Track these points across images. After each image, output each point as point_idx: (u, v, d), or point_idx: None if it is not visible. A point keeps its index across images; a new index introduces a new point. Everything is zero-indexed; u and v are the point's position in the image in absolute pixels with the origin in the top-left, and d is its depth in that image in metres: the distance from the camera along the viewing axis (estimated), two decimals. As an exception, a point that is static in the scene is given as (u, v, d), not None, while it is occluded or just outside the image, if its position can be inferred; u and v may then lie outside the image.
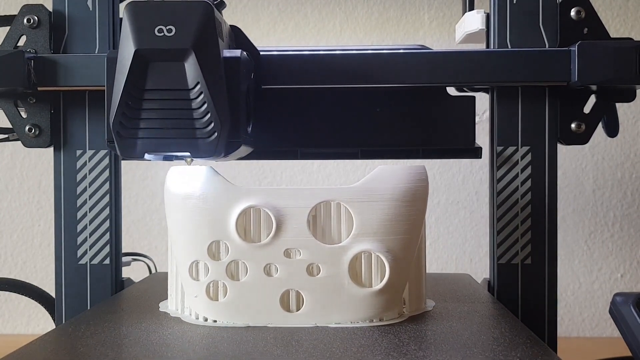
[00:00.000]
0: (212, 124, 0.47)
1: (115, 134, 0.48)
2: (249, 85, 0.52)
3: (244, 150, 0.54)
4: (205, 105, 0.47)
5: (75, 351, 0.41)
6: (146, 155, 0.48)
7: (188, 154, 0.48)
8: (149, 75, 0.47)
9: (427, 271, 0.53)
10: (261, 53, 0.58)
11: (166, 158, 0.49)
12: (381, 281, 0.47)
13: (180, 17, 0.47)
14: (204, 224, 0.47)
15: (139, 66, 0.47)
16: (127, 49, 0.47)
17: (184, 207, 0.48)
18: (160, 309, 0.52)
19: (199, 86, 0.47)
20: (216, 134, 0.47)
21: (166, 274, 0.53)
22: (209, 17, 0.47)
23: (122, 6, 0.63)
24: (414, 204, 0.48)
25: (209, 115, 0.47)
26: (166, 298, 0.54)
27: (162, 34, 0.46)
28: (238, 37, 0.56)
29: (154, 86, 0.47)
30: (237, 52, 0.50)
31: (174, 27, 0.46)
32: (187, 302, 0.50)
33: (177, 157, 0.50)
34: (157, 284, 0.63)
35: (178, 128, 0.47)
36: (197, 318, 0.49)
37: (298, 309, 0.47)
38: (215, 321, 0.48)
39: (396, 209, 0.47)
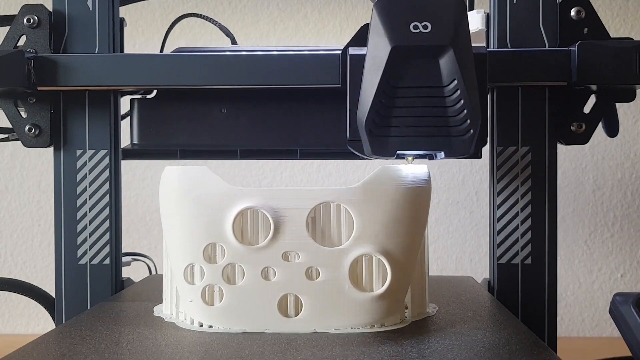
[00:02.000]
0: (468, 121, 0.46)
1: (367, 132, 0.47)
2: None
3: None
4: (462, 102, 0.46)
5: (74, 353, 0.41)
6: (397, 153, 0.48)
7: (441, 152, 0.48)
8: (403, 73, 0.46)
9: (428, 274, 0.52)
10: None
11: (418, 157, 0.49)
12: (382, 285, 0.46)
13: (435, 13, 0.46)
14: (200, 226, 0.46)
15: (394, 63, 0.46)
16: (380, 46, 0.46)
17: (179, 209, 0.47)
18: (154, 314, 0.51)
19: (455, 83, 0.46)
20: (472, 131, 0.47)
21: (165, 275, 0.53)
22: (463, 12, 0.47)
23: (122, 7, 0.64)
24: (416, 205, 0.47)
25: (465, 112, 0.46)
26: (162, 301, 0.52)
27: (417, 30, 0.46)
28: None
29: (408, 83, 0.46)
30: (482, 48, 0.49)
31: (430, 23, 0.46)
32: (182, 307, 0.49)
33: (425, 157, 0.49)
34: (155, 286, 0.62)
35: (432, 126, 0.47)
36: (192, 323, 0.47)
37: (296, 314, 0.46)
38: (210, 327, 0.47)
39: (398, 211, 0.46)
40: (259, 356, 0.40)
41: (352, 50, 0.50)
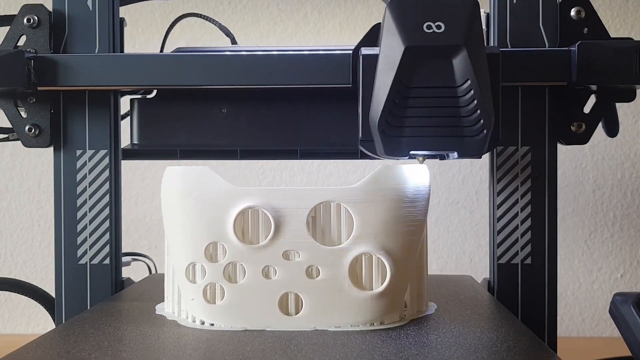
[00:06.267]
0: (482, 122, 0.47)
1: (380, 132, 0.47)
2: None
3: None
4: (475, 102, 0.46)
5: (74, 352, 0.41)
6: (410, 153, 0.48)
7: (455, 152, 0.48)
8: (416, 73, 0.46)
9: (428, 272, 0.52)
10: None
11: (429, 157, 0.49)
12: (382, 284, 0.46)
13: (449, 13, 0.46)
14: (201, 225, 0.46)
15: (408, 63, 0.46)
16: (394, 46, 0.46)
17: (181, 208, 0.47)
18: (156, 312, 0.51)
19: (468, 83, 0.46)
20: (485, 131, 0.47)
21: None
22: (476, 12, 0.47)
23: (122, 7, 0.64)
24: (416, 204, 0.48)
25: (478, 112, 0.46)
26: (164, 300, 0.53)
27: (431, 30, 0.46)
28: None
29: (421, 83, 0.47)
30: (495, 48, 0.50)
31: (443, 23, 0.46)
32: (183, 305, 0.49)
33: (438, 157, 0.49)
34: (156, 285, 0.62)
35: (445, 126, 0.47)
36: (194, 321, 0.48)
37: (297, 312, 0.47)
38: (212, 325, 0.47)
39: (397, 210, 0.47)
40: (260, 353, 0.40)
41: (365, 50, 0.50)
